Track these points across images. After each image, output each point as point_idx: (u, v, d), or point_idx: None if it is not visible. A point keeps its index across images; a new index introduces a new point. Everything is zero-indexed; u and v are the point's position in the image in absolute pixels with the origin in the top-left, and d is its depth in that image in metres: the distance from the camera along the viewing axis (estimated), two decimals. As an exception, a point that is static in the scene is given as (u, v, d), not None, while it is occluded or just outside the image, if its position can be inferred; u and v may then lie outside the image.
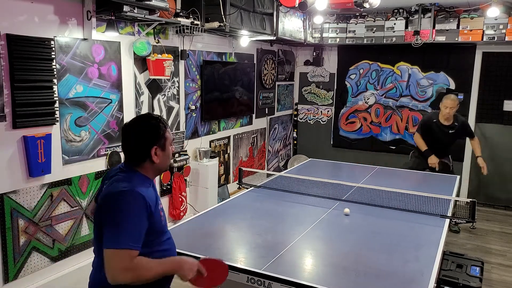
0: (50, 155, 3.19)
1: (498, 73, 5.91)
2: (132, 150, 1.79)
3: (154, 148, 1.77)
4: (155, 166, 1.81)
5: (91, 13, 3.35)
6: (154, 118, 1.82)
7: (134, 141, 1.77)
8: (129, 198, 1.65)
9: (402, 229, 2.90)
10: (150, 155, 1.77)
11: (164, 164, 1.85)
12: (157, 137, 1.78)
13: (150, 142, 1.77)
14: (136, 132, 1.78)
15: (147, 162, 1.78)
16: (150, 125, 1.79)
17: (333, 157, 6.83)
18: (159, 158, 1.79)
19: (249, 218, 3.09)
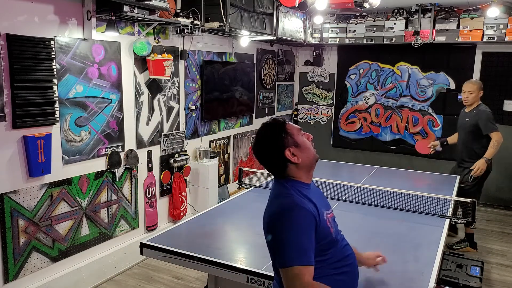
0: (50, 155, 3.19)
1: (498, 73, 5.90)
2: (270, 165, 1.71)
3: (286, 150, 1.65)
4: (301, 166, 1.67)
5: (91, 13, 3.35)
6: (269, 124, 1.73)
7: (266, 156, 1.70)
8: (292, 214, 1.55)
9: (402, 229, 2.90)
10: (288, 159, 1.65)
11: (309, 157, 1.70)
12: (281, 139, 1.66)
13: (279, 149, 1.66)
14: (262, 147, 1.71)
15: (291, 167, 1.67)
16: (268, 133, 1.70)
17: (333, 157, 6.83)
18: (299, 157, 1.66)
19: (249, 218, 3.09)
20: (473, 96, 4.31)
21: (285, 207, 1.57)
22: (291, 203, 1.58)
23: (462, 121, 4.46)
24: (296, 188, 1.65)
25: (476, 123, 4.27)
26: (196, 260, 2.33)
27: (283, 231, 1.53)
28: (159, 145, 4.41)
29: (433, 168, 5.98)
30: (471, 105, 4.37)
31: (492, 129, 4.22)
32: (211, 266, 2.30)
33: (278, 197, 1.64)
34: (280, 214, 1.56)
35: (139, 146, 4.13)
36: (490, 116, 4.26)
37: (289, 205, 1.57)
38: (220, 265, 2.27)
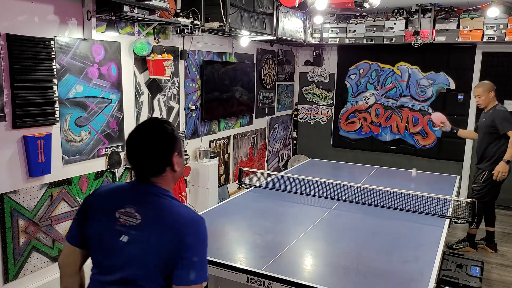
0: (50, 155, 3.19)
1: (498, 73, 5.90)
2: (149, 161, 1.52)
3: (175, 155, 1.54)
4: (175, 175, 1.58)
5: (91, 13, 3.35)
6: (166, 122, 1.58)
7: (153, 150, 1.51)
8: (204, 226, 1.50)
9: (402, 229, 2.90)
10: (172, 163, 1.53)
11: (181, 171, 1.63)
12: (176, 142, 1.55)
13: (170, 149, 1.53)
14: (153, 139, 1.52)
15: (168, 172, 1.54)
16: (166, 130, 1.55)
17: (333, 157, 6.83)
18: (179, 166, 1.57)
19: (249, 218, 3.09)
20: (482, 99, 4.32)
21: (197, 218, 1.51)
22: (197, 215, 1.53)
23: (480, 122, 4.46)
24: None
25: (491, 123, 4.25)
26: (196, 260, 2.32)
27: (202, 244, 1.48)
28: (159, 145, 4.40)
29: (433, 168, 5.98)
30: (487, 106, 4.37)
31: (509, 128, 4.15)
32: (211, 266, 2.30)
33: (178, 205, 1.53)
34: (198, 227, 1.49)
35: (139, 146, 4.12)
36: (506, 116, 4.22)
37: (198, 217, 1.52)
38: (220, 265, 2.27)
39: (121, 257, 1.47)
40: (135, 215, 1.47)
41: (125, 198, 1.53)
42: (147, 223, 1.46)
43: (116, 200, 1.53)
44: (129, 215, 1.48)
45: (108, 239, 1.49)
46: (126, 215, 1.48)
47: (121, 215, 1.49)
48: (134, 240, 1.46)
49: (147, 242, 1.45)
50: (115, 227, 1.48)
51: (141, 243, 1.45)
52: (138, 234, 1.46)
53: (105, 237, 1.51)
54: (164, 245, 1.43)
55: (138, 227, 1.46)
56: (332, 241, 2.72)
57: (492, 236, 4.57)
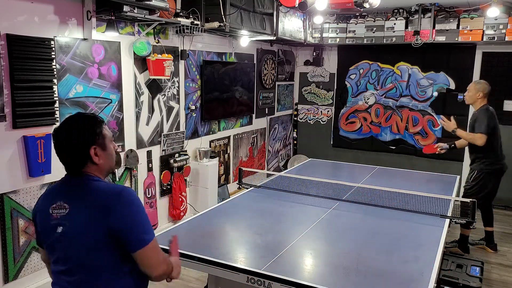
0: (50, 155, 3.19)
1: (498, 73, 5.90)
2: (68, 156, 1.61)
3: (92, 148, 1.60)
4: (99, 168, 1.64)
5: (91, 13, 3.36)
6: (86, 117, 1.66)
7: (68, 146, 1.60)
8: (132, 193, 1.60)
9: (402, 229, 2.90)
10: (90, 156, 1.60)
11: (109, 164, 1.68)
12: (94, 135, 1.61)
13: (86, 144, 1.60)
14: (70, 134, 1.60)
15: (89, 164, 1.62)
16: (83, 124, 1.61)
17: (333, 157, 6.83)
18: (101, 159, 1.62)
19: (249, 218, 3.09)
20: (469, 95, 4.30)
21: (119, 188, 1.59)
22: (120, 186, 1.63)
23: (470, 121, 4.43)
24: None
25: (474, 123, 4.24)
26: (196, 260, 2.33)
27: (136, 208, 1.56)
28: (159, 145, 4.41)
29: (433, 168, 5.99)
30: (474, 105, 4.33)
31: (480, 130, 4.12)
32: (211, 266, 2.30)
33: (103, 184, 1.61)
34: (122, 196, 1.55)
35: (139, 146, 4.13)
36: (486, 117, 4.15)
37: (121, 187, 1.59)
38: (220, 265, 2.27)
39: (62, 247, 1.57)
40: (64, 205, 1.58)
41: (56, 194, 1.63)
42: (75, 209, 1.57)
43: (49, 198, 1.63)
44: (60, 207, 1.58)
45: (48, 236, 1.60)
46: (57, 208, 1.58)
47: (53, 210, 1.59)
48: (68, 228, 1.55)
49: (79, 225, 1.54)
50: (50, 222, 1.58)
51: (74, 228, 1.55)
52: (69, 221, 1.55)
53: (46, 234, 1.61)
54: (95, 222, 1.52)
55: (67, 216, 1.56)
56: (332, 241, 2.72)
57: (491, 236, 4.57)
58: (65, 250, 1.57)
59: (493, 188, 4.35)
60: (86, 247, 1.54)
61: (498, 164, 4.24)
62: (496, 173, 4.28)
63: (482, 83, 4.37)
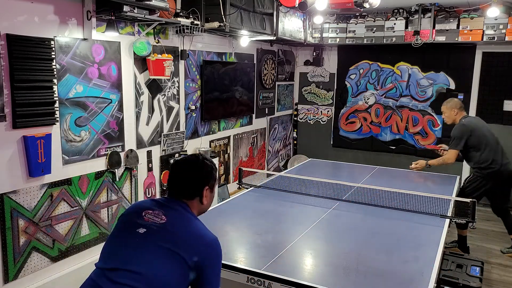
0: (50, 155, 3.19)
1: (498, 73, 5.90)
2: (186, 187, 1.75)
3: (206, 188, 1.77)
4: (201, 207, 1.79)
5: (91, 13, 3.35)
6: (208, 160, 1.83)
7: (190, 179, 1.76)
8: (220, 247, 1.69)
9: (402, 229, 2.90)
10: (202, 194, 1.76)
11: (208, 207, 1.83)
12: (211, 177, 1.79)
13: (204, 182, 1.77)
14: (193, 170, 1.77)
15: (196, 201, 1.76)
16: (206, 166, 1.79)
17: (333, 157, 6.83)
18: (207, 199, 1.79)
19: (249, 218, 3.09)
20: (446, 115, 4.44)
21: (217, 242, 1.67)
22: (215, 237, 1.69)
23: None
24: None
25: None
26: (196, 260, 2.32)
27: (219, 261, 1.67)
28: (159, 145, 4.41)
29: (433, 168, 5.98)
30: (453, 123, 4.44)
31: (451, 146, 4.30)
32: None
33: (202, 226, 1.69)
34: (216, 248, 1.65)
35: (139, 146, 4.13)
36: (459, 132, 4.28)
37: (215, 236, 1.68)
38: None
39: (131, 245, 1.60)
40: (162, 217, 1.64)
41: (155, 205, 1.71)
42: (171, 224, 1.63)
43: (146, 205, 1.72)
44: (155, 215, 1.65)
45: (125, 231, 1.66)
46: (152, 215, 1.65)
47: (147, 214, 1.66)
48: (152, 231, 1.60)
49: (164, 234, 1.59)
50: (137, 221, 1.64)
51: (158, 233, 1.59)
52: (158, 229, 1.61)
53: (123, 229, 1.67)
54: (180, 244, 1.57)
55: (160, 225, 1.62)
56: (332, 241, 2.72)
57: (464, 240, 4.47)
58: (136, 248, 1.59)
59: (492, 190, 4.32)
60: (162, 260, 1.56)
61: (490, 168, 4.21)
62: (491, 176, 4.24)
63: (452, 100, 4.51)
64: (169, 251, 1.56)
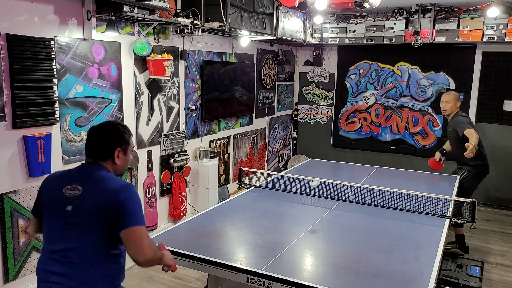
0: (50, 155, 3.19)
1: (498, 73, 5.90)
2: (98, 148, 1.97)
3: (117, 149, 1.97)
4: (115, 167, 2.00)
5: (91, 13, 3.36)
6: (121, 125, 2.04)
7: (102, 141, 1.97)
8: (134, 188, 1.93)
9: (402, 229, 2.90)
10: (113, 155, 1.97)
11: (123, 167, 2.05)
12: (122, 141, 1.99)
13: (115, 144, 1.97)
14: (105, 133, 1.99)
15: (109, 161, 1.97)
16: (117, 129, 2.00)
17: (333, 157, 6.83)
18: (120, 160, 1.99)
19: (249, 218, 3.09)
20: (450, 105, 4.44)
21: (125, 182, 1.94)
22: (125, 181, 1.96)
23: (448, 130, 4.60)
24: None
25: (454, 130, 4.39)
26: (196, 260, 2.33)
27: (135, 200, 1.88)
28: (159, 145, 4.41)
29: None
30: (450, 114, 4.50)
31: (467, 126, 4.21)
32: (211, 266, 2.30)
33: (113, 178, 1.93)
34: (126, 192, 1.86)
35: (139, 146, 4.13)
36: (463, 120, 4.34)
37: (126, 182, 1.96)
38: (220, 265, 2.27)
39: (66, 224, 1.86)
40: (78, 188, 1.88)
41: (72, 178, 1.93)
42: (87, 191, 1.87)
43: (64, 180, 1.93)
44: (73, 189, 1.88)
45: (56, 212, 1.89)
46: (72, 190, 1.88)
47: (67, 190, 1.88)
48: (77, 207, 1.85)
49: (86, 205, 1.84)
50: (63, 200, 1.87)
51: (83, 208, 1.85)
52: (80, 201, 1.85)
53: (52, 210, 1.91)
54: (99, 203, 1.82)
55: (79, 196, 1.86)
56: (332, 241, 2.72)
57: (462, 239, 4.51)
58: (68, 227, 1.85)
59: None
60: (88, 226, 1.83)
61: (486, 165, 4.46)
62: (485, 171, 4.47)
63: (455, 93, 4.60)
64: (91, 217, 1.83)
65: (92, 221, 1.83)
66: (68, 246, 1.84)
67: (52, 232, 1.91)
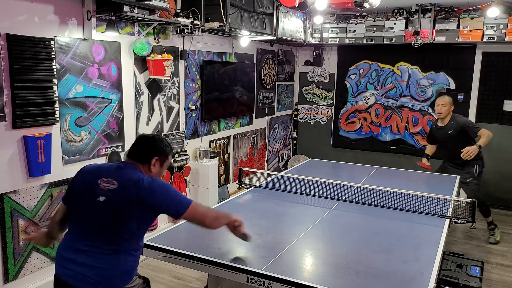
0: (50, 155, 3.19)
1: (498, 73, 5.90)
2: (140, 152, 2.11)
3: (155, 158, 2.10)
4: (149, 173, 2.09)
5: (91, 13, 3.36)
6: (167, 141, 2.20)
7: (146, 147, 2.12)
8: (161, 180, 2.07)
9: (402, 229, 2.90)
10: (150, 162, 2.09)
11: (157, 176, 2.14)
12: (162, 153, 2.13)
13: (155, 152, 2.11)
14: (151, 142, 2.15)
15: (146, 167, 2.09)
16: (162, 142, 2.15)
17: (333, 157, 6.83)
18: (155, 169, 2.11)
19: (249, 218, 3.09)
20: (446, 108, 4.62)
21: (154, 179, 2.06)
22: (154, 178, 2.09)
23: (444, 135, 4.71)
24: None
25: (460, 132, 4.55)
26: (196, 260, 2.33)
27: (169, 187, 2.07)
28: (159, 145, 4.40)
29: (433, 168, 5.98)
30: (445, 118, 4.66)
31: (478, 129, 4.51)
32: (211, 266, 2.30)
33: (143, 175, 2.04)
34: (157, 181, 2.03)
35: (139, 146, 4.12)
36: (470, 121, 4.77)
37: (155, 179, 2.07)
38: (220, 265, 2.27)
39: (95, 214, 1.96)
40: (114, 182, 1.98)
41: (110, 172, 2.04)
42: (122, 187, 1.97)
43: (101, 172, 2.05)
44: (109, 182, 1.98)
45: (85, 200, 2.00)
46: (106, 183, 1.98)
47: (102, 182, 1.99)
48: (110, 198, 1.95)
49: (119, 199, 1.94)
50: (95, 191, 1.98)
51: (115, 202, 1.94)
52: (114, 195, 1.95)
53: (83, 199, 2.01)
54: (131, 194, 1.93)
55: (114, 190, 1.96)
56: (332, 241, 2.72)
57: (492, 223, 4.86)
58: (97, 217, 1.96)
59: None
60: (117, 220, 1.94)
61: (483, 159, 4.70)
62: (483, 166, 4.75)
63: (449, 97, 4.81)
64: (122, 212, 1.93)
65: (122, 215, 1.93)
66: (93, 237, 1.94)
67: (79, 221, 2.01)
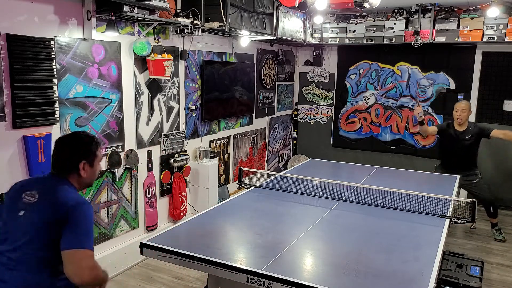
0: (50, 155, 3.18)
1: (498, 73, 5.90)
2: (62, 161, 1.94)
3: (82, 162, 1.94)
4: (81, 180, 1.97)
5: (91, 13, 3.36)
6: (88, 136, 2.01)
7: (66, 153, 1.94)
8: (89, 208, 1.86)
9: (402, 229, 2.90)
10: (78, 168, 1.93)
11: (90, 179, 2.02)
12: (87, 153, 1.96)
13: (79, 157, 1.94)
14: (69, 145, 1.96)
15: (74, 174, 1.94)
16: (82, 141, 1.97)
17: (333, 157, 6.83)
18: (86, 173, 1.96)
19: (249, 218, 3.09)
20: (465, 114, 4.75)
21: (83, 200, 1.89)
22: (83, 199, 1.92)
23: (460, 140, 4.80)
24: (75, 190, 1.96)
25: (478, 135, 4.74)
26: (196, 260, 2.33)
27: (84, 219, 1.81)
28: (159, 145, 4.41)
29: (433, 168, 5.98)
30: (464, 124, 4.79)
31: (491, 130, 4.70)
32: (211, 266, 2.30)
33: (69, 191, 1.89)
34: (82, 205, 1.83)
35: (139, 146, 4.13)
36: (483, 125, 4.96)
37: (85, 200, 1.92)
38: (220, 265, 2.27)
39: (16, 228, 1.83)
40: (35, 195, 1.85)
41: (34, 184, 1.93)
42: (41, 201, 1.83)
43: (28, 185, 1.94)
44: (31, 195, 1.86)
45: (10, 213, 1.88)
46: (29, 196, 1.86)
47: (26, 195, 1.87)
48: (28, 213, 1.82)
49: (34, 216, 1.81)
50: (17, 204, 1.86)
51: (31, 218, 1.81)
52: (32, 209, 1.83)
53: (8, 211, 1.90)
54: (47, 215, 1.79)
55: (32, 204, 1.84)
56: (332, 241, 2.72)
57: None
58: (17, 231, 1.82)
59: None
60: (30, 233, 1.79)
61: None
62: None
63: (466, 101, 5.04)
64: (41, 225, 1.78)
65: (37, 233, 1.78)
66: (12, 249, 1.80)
67: (2, 233, 1.88)
